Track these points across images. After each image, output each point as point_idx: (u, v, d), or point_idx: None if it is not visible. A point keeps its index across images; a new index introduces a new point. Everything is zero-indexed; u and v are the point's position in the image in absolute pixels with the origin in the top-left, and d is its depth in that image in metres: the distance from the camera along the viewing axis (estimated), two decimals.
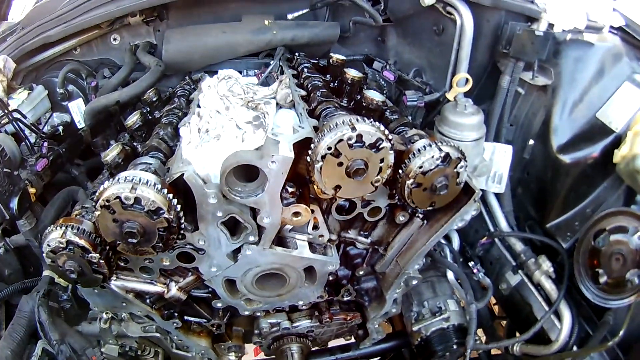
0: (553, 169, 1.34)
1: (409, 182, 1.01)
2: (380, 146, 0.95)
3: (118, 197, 0.91)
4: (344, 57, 1.42)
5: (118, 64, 1.70)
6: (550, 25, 1.31)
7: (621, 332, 1.17)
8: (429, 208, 1.08)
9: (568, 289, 1.31)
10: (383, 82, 1.56)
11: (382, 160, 0.96)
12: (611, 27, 1.37)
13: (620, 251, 1.16)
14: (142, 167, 1.02)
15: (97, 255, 1.03)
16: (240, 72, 1.50)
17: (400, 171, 1.02)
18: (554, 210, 1.34)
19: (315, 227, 1.11)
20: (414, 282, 1.30)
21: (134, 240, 0.94)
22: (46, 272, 1.38)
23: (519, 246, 1.40)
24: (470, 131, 1.23)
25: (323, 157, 0.93)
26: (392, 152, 0.96)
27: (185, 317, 1.34)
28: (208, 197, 0.97)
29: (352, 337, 1.54)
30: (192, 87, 1.46)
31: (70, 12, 1.54)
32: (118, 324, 1.34)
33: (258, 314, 1.36)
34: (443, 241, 1.50)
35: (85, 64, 1.71)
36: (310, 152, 0.95)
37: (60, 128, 1.60)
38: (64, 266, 1.06)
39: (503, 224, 1.44)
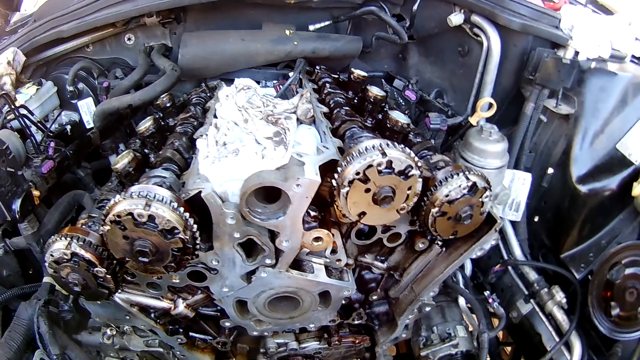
0: (570, 199, 1.29)
1: (433, 210, 0.95)
2: (410, 173, 0.88)
3: (130, 214, 0.84)
4: (366, 74, 1.36)
5: (131, 65, 1.62)
6: (576, 53, 1.27)
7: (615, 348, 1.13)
8: (450, 237, 1.02)
9: (578, 319, 1.26)
10: (401, 101, 1.49)
11: (409, 188, 0.90)
12: (633, 56, 1.33)
13: (634, 285, 1.11)
14: (156, 180, 0.95)
15: (104, 270, 0.95)
16: (258, 82, 1.43)
17: (425, 199, 0.96)
18: (569, 240, 1.29)
19: (334, 252, 1.05)
20: (427, 308, 1.24)
21: (145, 260, 0.87)
22: (47, 279, 1.29)
23: (532, 275, 1.35)
24: (494, 159, 1.17)
25: (350, 182, 0.86)
26: (420, 179, 0.89)
27: (190, 334, 1.26)
28: (226, 217, 0.90)
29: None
30: (208, 94, 1.39)
31: (85, 7, 1.46)
32: (120, 336, 1.26)
33: (266, 333, 1.28)
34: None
35: (97, 62, 1.62)
36: (336, 175, 0.88)
37: (68, 127, 1.52)
38: (67, 278, 0.98)
39: (517, 252, 1.39)
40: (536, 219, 1.39)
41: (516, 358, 1.60)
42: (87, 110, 1.61)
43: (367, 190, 0.88)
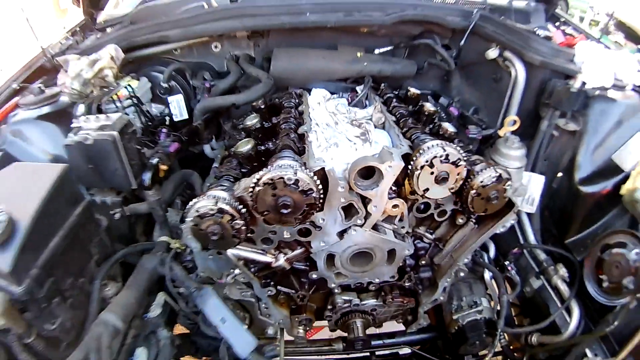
0: (574, 198, 2.23)
1: (472, 192, 1.91)
2: (459, 164, 1.85)
3: (281, 178, 1.76)
4: (419, 91, 2.35)
5: (215, 69, 2.56)
6: (583, 83, 2.27)
7: (616, 322, 2.08)
8: (482, 213, 1.99)
9: (578, 293, 2.22)
10: (444, 115, 2.48)
11: (458, 174, 1.86)
12: (634, 85, 2.24)
13: (619, 262, 2.07)
14: (288, 158, 1.88)
15: (242, 222, 1.87)
16: (332, 93, 2.39)
17: (466, 184, 1.92)
18: (572, 230, 2.26)
19: (400, 220, 2.00)
20: (462, 274, 2.20)
21: (286, 211, 1.79)
22: (163, 238, 2.18)
23: (542, 256, 2.32)
24: (515, 161, 2.16)
25: (422, 167, 1.82)
26: (466, 169, 1.86)
27: (278, 287, 2.17)
28: (339, 186, 1.84)
29: (403, 322, 2.41)
30: (297, 100, 2.34)
31: (191, 18, 2.38)
32: (221, 287, 2.15)
33: (336, 290, 2.21)
34: (482, 251, 2.42)
35: (186, 64, 2.56)
36: (411, 162, 1.84)
37: (167, 118, 2.43)
38: (207, 229, 1.88)
39: (531, 238, 2.37)
40: (546, 213, 2.38)
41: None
42: (177, 105, 2.52)
43: (432, 173, 1.83)
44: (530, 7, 2.65)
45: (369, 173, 1.86)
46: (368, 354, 2.63)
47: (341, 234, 1.97)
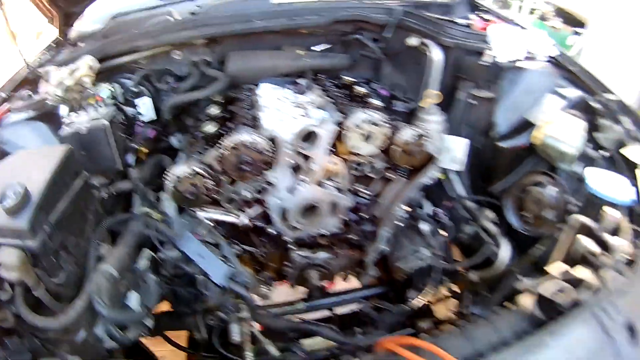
0: (495, 154, 2.72)
1: (397, 148, 2.49)
2: (381, 125, 2.43)
3: (242, 142, 2.30)
4: (353, 79, 2.96)
5: (177, 74, 3.10)
6: (494, 57, 2.86)
7: (542, 249, 2.59)
8: (409, 167, 2.56)
9: (509, 232, 2.68)
10: (376, 97, 3.09)
11: (382, 133, 2.44)
12: (548, 56, 2.61)
13: (538, 198, 2.49)
14: (247, 129, 2.43)
15: (212, 181, 2.38)
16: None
17: (391, 143, 2.50)
18: (495, 180, 2.80)
19: (342, 178, 2.55)
20: (400, 223, 2.75)
21: (246, 168, 2.32)
22: (144, 209, 2.65)
23: (472, 205, 2.90)
24: (434, 125, 2.75)
25: (350, 128, 2.39)
26: (389, 128, 2.44)
27: (242, 247, 2.67)
28: (286, 148, 2.38)
29: (356, 276, 2.93)
30: (249, 93, 2.89)
31: (158, 29, 2.93)
32: None
33: (292, 247, 2.72)
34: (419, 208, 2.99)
35: (152, 71, 3.10)
36: (342, 126, 2.41)
37: (139, 116, 2.95)
38: (184, 190, 2.40)
39: (462, 192, 2.95)
40: (473, 169, 2.92)
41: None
42: (146, 106, 3.02)
43: (359, 134, 2.41)
44: (455, 1, 3.22)
45: (310, 138, 2.43)
46: (330, 314, 3.11)
47: (291, 190, 2.50)
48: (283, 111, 2.57)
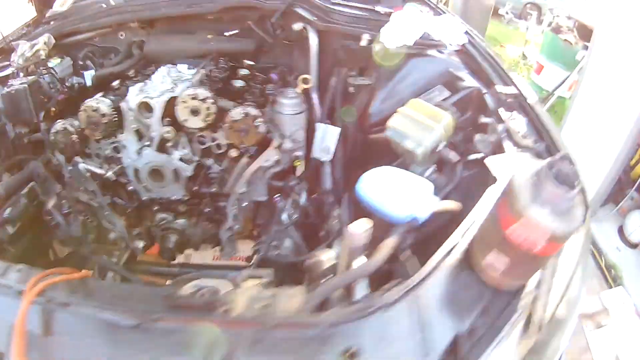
0: (366, 146, 2.81)
1: (226, 125, 2.70)
2: (206, 101, 2.65)
3: (89, 107, 2.73)
4: (252, 63, 3.20)
5: (121, 51, 3.64)
6: (370, 42, 2.86)
7: None
8: (241, 145, 2.74)
9: None
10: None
11: (207, 109, 2.66)
12: (456, 44, 2.56)
13: None
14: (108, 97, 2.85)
15: (77, 136, 2.85)
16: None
17: (222, 120, 2.70)
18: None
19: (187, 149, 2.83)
20: (244, 203, 2.93)
21: (96, 128, 2.74)
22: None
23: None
24: (289, 107, 2.85)
25: (179, 102, 2.66)
26: (213, 105, 2.66)
27: (114, 199, 3.10)
28: (129, 115, 2.75)
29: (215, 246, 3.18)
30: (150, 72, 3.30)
31: (95, 13, 3.51)
32: None
33: (155, 207, 3.07)
34: None
35: (100, 48, 3.69)
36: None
37: (77, 85, 3.55)
38: (60, 143, 2.90)
39: (328, 183, 3.02)
40: (344, 161, 3.00)
41: None
42: (89, 76, 3.63)
43: (186, 107, 2.66)
44: None
45: (147, 108, 2.75)
46: None
47: (139, 153, 2.86)
48: (151, 85, 2.93)
